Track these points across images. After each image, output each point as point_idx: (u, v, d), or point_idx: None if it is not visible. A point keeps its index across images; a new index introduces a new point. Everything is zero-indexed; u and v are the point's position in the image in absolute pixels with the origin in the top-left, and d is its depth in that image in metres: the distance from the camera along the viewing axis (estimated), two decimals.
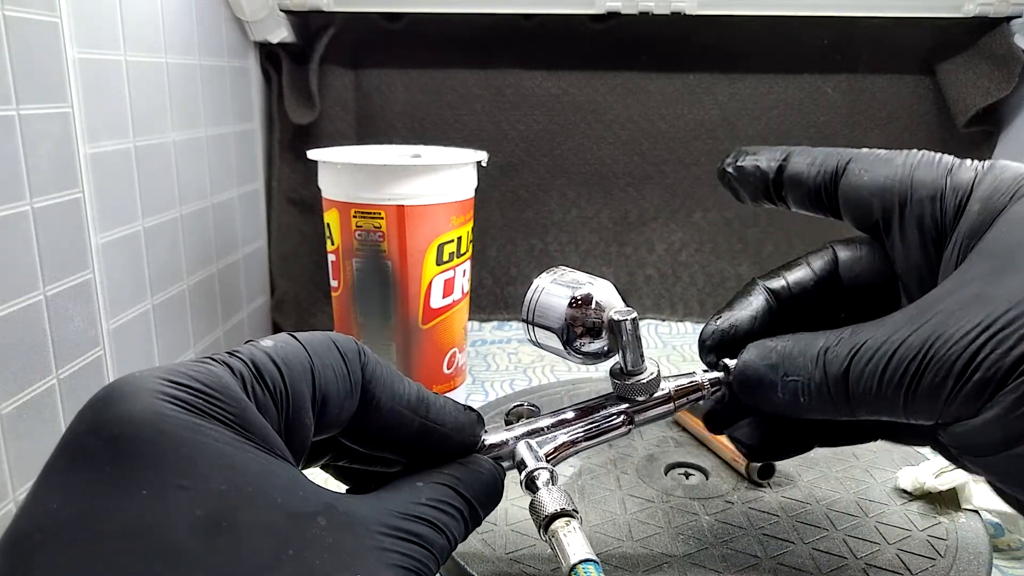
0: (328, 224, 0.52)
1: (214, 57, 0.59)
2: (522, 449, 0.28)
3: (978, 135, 0.74)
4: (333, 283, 0.54)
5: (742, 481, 0.40)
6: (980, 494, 0.37)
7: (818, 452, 0.44)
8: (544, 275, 0.32)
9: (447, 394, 0.54)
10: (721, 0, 0.68)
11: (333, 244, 0.52)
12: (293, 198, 0.74)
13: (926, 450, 0.38)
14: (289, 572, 0.18)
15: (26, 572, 0.17)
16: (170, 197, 0.52)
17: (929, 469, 0.37)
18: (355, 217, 0.50)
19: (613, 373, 0.31)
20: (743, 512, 0.37)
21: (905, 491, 0.38)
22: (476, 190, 0.54)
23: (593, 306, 0.30)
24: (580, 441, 0.30)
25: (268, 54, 0.70)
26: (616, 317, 0.29)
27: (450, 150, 0.57)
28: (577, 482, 0.41)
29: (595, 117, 0.76)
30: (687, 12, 0.68)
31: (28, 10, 0.37)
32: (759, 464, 0.40)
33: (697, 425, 0.46)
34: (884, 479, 0.39)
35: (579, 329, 0.30)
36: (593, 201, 0.78)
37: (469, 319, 0.57)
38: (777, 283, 0.31)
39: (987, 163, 0.26)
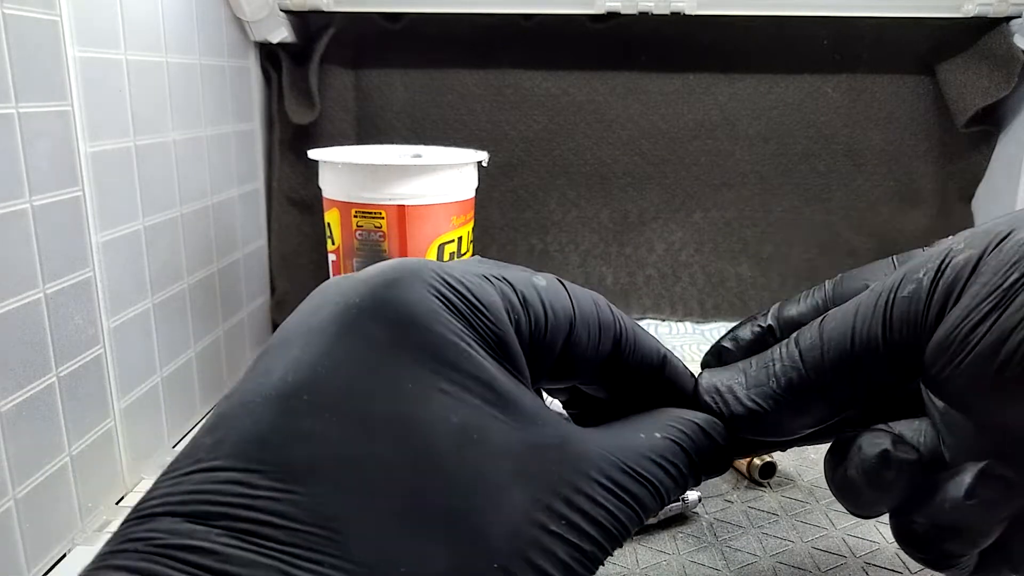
0: (329, 224, 0.52)
1: (214, 57, 0.59)
2: None
3: (978, 135, 0.74)
4: None
5: (742, 480, 0.40)
6: None
7: (819, 452, 0.44)
8: None
9: None
10: (721, 0, 0.68)
11: (334, 244, 0.52)
12: (293, 198, 0.74)
13: None
14: (518, 497, 0.18)
15: (293, 434, 0.17)
16: (170, 196, 0.52)
17: None
18: (356, 217, 0.50)
19: None
20: (743, 511, 0.37)
21: None
22: (476, 190, 0.54)
23: None
24: None
25: (268, 54, 0.70)
26: None
27: (450, 150, 0.57)
28: None
29: (595, 117, 0.76)
30: (687, 12, 0.68)
31: (28, 8, 0.37)
32: (760, 463, 0.40)
33: None
34: None
35: None
36: (593, 201, 0.78)
37: None
38: None
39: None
